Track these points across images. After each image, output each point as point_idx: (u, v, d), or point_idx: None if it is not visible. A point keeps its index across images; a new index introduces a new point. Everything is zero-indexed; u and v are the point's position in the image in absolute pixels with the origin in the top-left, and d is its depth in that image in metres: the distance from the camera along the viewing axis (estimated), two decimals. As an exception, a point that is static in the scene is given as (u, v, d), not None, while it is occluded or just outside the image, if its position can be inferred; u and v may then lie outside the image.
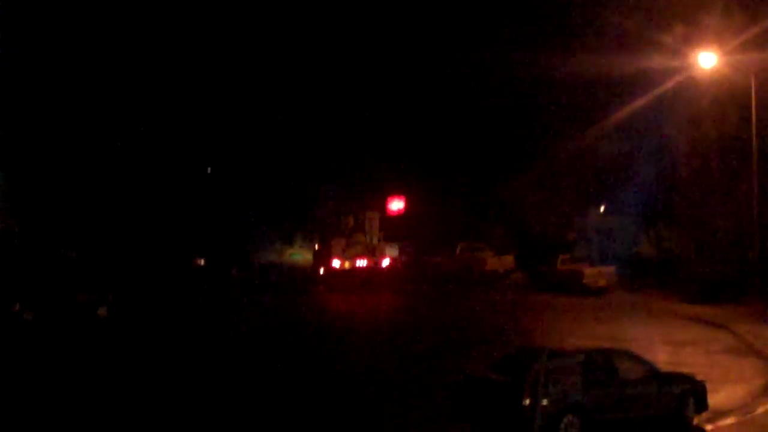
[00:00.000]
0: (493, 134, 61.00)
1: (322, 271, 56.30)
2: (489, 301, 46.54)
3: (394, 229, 61.42)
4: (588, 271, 49.06)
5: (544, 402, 19.49)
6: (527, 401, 19.49)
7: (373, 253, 55.92)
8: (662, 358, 27.98)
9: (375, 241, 56.70)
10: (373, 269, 55.20)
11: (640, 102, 49.72)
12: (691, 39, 44.92)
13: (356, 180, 67.39)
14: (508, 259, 58.58)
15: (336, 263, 55.24)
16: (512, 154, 59.38)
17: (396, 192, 67.80)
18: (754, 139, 42.92)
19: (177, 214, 78.96)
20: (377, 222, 57.85)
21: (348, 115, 68.62)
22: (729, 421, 22.43)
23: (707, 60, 43.56)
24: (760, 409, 23.47)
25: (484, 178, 62.16)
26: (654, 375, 21.99)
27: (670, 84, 47.08)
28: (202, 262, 63.04)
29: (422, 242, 64.12)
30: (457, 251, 59.19)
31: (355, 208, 58.84)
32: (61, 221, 72.46)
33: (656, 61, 47.05)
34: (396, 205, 67.09)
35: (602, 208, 58.85)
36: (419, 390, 25.72)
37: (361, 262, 55.36)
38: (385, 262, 56.10)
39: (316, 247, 59.44)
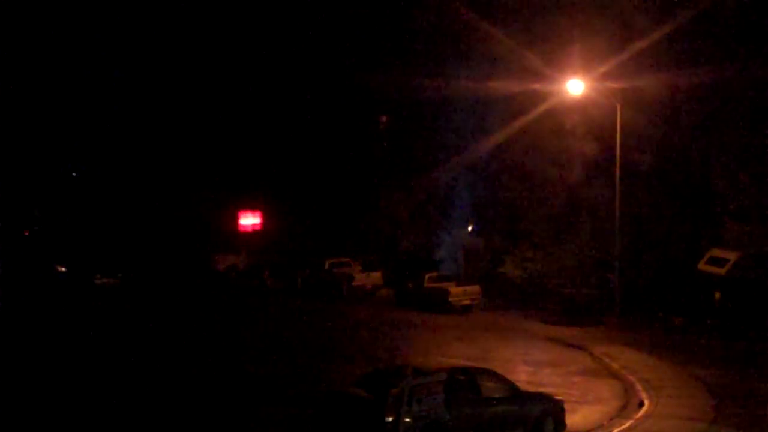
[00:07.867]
0: (363, 154, 61.28)
1: None
2: (354, 318, 46.36)
3: (250, 244, 64.28)
4: (453, 289, 49.27)
5: (407, 419, 19.50)
6: (390, 418, 19.47)
7: None
8: (522, 378, 28.46)
9: None
10: None
11: (509, 126, 50.73)
12: (563, 66, 45.94)
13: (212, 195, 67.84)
14: (376, 276, 58.55)
15: None
16: (381, 173, 59.69)
17: (250, 207, 68.16)
18: (617, 162, 44.30)
19: (39, 219, 76.41)
20: None
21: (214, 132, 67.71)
22: (586, 441, 22.90)
23: (575, 87, 44.66)
24: (616, 430, 24.02)
25: (351, 195, 62.09)
26: (515, 394, 22.28)
27: (537, 111, 48.21)
28: (63, 269, 61.05)
29: (288, 257, 63.53)
30: (326, 266, 58.85)
31: None
32: None
33: (528, 87, 48.02)
34: (249, 220, 67.99)
35: (470, 228, 59.45)
36: (283, 403, 25.47)
37: None
38: None
39: None
